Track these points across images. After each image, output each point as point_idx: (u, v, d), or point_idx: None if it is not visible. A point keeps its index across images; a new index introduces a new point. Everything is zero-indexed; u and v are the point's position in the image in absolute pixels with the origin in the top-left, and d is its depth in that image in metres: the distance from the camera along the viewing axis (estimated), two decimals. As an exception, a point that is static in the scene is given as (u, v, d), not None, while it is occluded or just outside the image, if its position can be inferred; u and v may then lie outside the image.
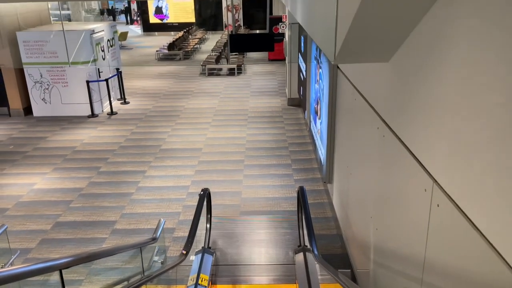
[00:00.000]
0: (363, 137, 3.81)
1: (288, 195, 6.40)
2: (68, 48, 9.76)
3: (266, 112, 10.37)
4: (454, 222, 2.00)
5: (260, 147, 8.20)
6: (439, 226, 2.18)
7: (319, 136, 6.28)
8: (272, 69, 15.31)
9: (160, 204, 6.21)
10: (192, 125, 9.51)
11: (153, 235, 3.54)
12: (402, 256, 2.81)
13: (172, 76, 14.53)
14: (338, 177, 5.23)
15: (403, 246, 2.78)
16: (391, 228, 3.05)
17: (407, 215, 2.65)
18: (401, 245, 2.80)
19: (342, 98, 4.87)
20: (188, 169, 7.31)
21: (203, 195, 4.80)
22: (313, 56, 6.95)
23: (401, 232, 2.79)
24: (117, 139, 8.76)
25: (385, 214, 3.18)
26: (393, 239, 2.99)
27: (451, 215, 2.03)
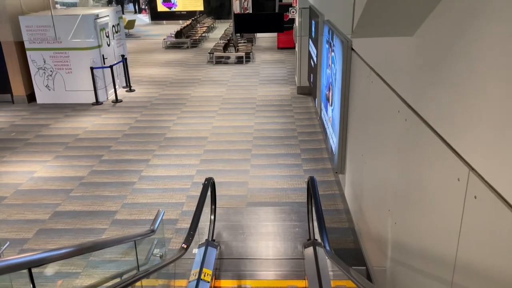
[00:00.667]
0: (381, 122, 3.48)
1: (297, 185, 6.09)
2: (72, 32, 9.49)
3: (275, 100, 10.03)
4: (497, 216, 1.67)
5: (268, 136, 7.88)
6: (476, 221, 1.85)
7: (331, 124, 5.95)
8: (281, 57, 14.92)
9: (163, 194, 5.95)
10: (198, 114, 9.22)
11: (151, 227, 3.26)
12: (427, 254, 2.49)
13: (179, 64, 14.22)
14: (351, 167, 4.91)
15: (428, 243, 2.46)
16: (413, 223, 2.73)
17: (434, 208, 2.33)
18: (426, 242, 2.49)
19: (357, 82, 4.52)
20: (193, 158, 7.03)
21: (206, 185, 4.52)
22: (324, 40, 6.58)
23: (426, 227, 2.47)
24: (121, 127, 8.50)
25: (406, 207, 2.86)
26: (416, 235, 2.67)
27: (492, 207, 1.71)
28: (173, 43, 17.92)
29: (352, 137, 4.86)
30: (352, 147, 4.87)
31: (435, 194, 2.32)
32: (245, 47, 14.89)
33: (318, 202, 4.15)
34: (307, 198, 4.98)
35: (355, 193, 4.71)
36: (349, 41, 4.82)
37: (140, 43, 18.63)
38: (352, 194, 4.91)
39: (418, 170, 2.59)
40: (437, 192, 2.28)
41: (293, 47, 16.19)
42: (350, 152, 5.01)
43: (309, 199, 4.91)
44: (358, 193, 4.50)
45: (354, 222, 4.83)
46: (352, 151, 4.88)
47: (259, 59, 14.66)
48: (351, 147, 4.91)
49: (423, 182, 2.50)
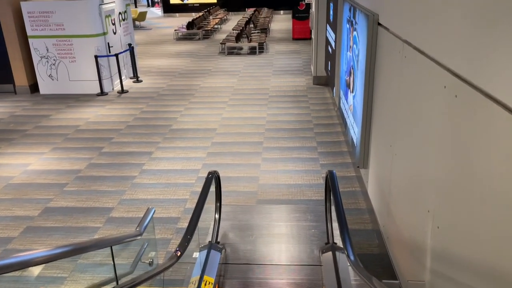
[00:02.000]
0: (418, 104, 2.84)
1: (313, 181, 5.47)
2: (75, 19, 9.01)
3: (289, 91, 9.40)
4: None
5: (281, 128, 7.27)
6: None
7: (352, 113, 5.31)
8: (297, 48, 14.26)
9: (165, 189, 5.40)
10: (207, 104, 8.65)
11: (137, 229, 2.69)
12: (482, 267, 1.87)
13: (189, 55, 13.69)
14: (376, 160, 4.27)
15: (484, 254, 1.83)
16: (463, 228, 2.10)
17: (496, 210, 1.70)
18: (481, 252, 1.86)
19: (384, 60, 3.88)
20: (199, 151, 6.46)
21: (209, 179, 3.93)
22: (345, 19, 5.93)
23: (483, 234, 1.85)
24: (125, 118, 7.99)
25: (454, 208, 2.23)
26: (467, 243, 2.05)
27: None
28: (184, 35, 17.41)
29: (377, 125, 4.22)
30: (377, 137, 4.23)
31: (497, 191, 1.69)
32: (258, 37, 14.27)
33: (339, 199, 3.54)
34: (325, 195, 4.36)
35: (381, 190, 4.08)
36: (375, 15, 4.18)
37: (151, 35, 18.17)
38: (377, 192, 4.28)
39: (473, 162, 1.96)
40: (501, 189, 1.65)
41: (308, 38, 15.51)
42: (374, 144, 4.37)
43: (327, 196, 4.30)
44: (385, 190, 3.87)
45: (379, 223, 4.19)
46: (377, 142, 4.24)
47: (273, 49, 14.02)
48: (376, 138, 4.27)
49: (481, 177, 1.87)
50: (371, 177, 4.58)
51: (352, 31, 5.24)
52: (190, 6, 24.51)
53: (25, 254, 1.79)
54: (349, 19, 5.53)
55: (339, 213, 3.39)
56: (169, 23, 21.86)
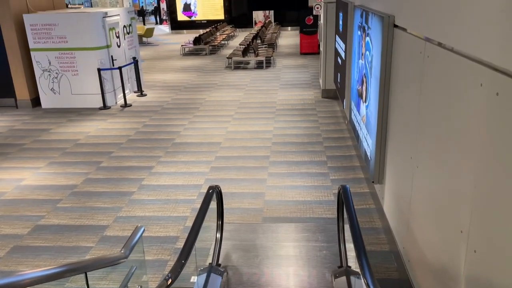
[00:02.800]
0: (446, 108, 2.47)
1: (323, 198, 5.08)
2: (78, 32, 8.83)
3: (297, 104, 9.07)
4: None
5: (289, 142, 6.91)
6: None
7: (364, 124, 4.94)
8: (304, 62, 14.01)
9: (164, 206, 5.03)
10: (212, 118, 8.35)
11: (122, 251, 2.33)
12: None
13: (196, 69, 13.49)
14: (393, 174, 3.88)
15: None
16: (508, 253, 1.72)
17: None
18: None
19: (402, 64, 3.53)
20: (202, 166, 6.11)
21: (210, 194, 3.57)
22: (356, 26, 5.63)
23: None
24: (126, 132, 7.69)
25: (496, 229, 1.84)
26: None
27: None
28: (191, 50, 17.29)
29: (394, 136, 3.85)
30: (394, 149, 3.86)
31: None
32: (265, 52, 14.05)
33: (354, 217, 3.15)
34: (337, 213, 3.97)
35: (399, 207, 3.68)
36: (390, 16, 3.86)
37: (158, 50, 18.09)
38: (394, 209, 3.87)
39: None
40: None
41: (316, 53, 15.28)
42: (391, 156, 3.99)
43: (340, 214, 3.91)
44: (405, 207, 3.47)
45: (398, 244, 3.78)
46: (394, 155, 3.86)
47: (280, 64, 13.78)
48: (393, 150, 3.90)
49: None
50: (387, 193, 4.18)
51: (364, 37, 4.92)
52: (198, 23, 24.54)
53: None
54: (360, 25, 5.22)
55: (355, 233, 3.00)
56: (176, 39, 21.84)
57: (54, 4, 10.31)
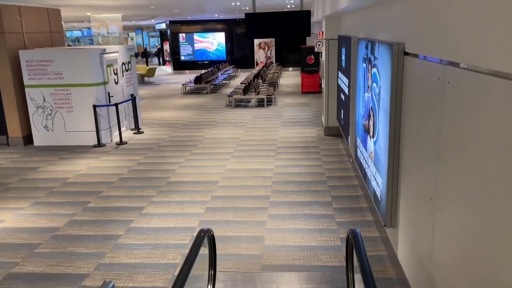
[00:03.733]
0: (475, 138, 2.08)
1: (329, 243, 4.59)
2: (75, 68, 8.64)
3: (299, 142, 8.71)
4: None
5: (290, 181, 6.48)
6: None
7: (373, 161, 4.54)
8: (306, 101, 13.80)
9: (152, 251, 4.54)
10: (209, 156, 7.96)
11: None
12: None
13: (195, 107, 13.27)
14: (410, 217, 3.43)
15: None
16: None
17: None
18: None
19: (416, 93, 3.18)
20: (197, 206, 5.66)
21: (200, 239, 3.12)
22: (360, 59, 5.35)
23: None
24: (119, 170, 7.29)
25: None
26: None
27: None
28: (192, 89, 17.21)
29: (408, 173, 3.43)
30: (409, 188, 3.43)
31: None
32: (266, 90, 13.89)
33: (367, 268, 2.67)
34: (345, 261, 3.48)
35: (418, 255, 3.20)
36: (400, 44, 3.55)
37: (159, 89, 18.02)
38: (412, 257, 3.39)
39: None
40: None
41: (318, 92, 15.13)
42: (405, 196, 3.56)
43: (349, 262, 3.42)
44: (425, 256, 2.99)
45: (417, 299, 3.26)
46: (409, 195, 3.43)
47: (281, 102, 13.57)
48: (408, 189, 3.46)
49: None
50: (402, 238, 3.70)
51: (371, 69, 4.61)
52: (200, 63, 24.75)
53: None
54: (366, 57, 4.94)
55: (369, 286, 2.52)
56: (178, 79, 21.89)
57: (53, 42, 10.22)
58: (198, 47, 24.72)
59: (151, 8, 13.42)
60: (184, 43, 24.71)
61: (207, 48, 24.69)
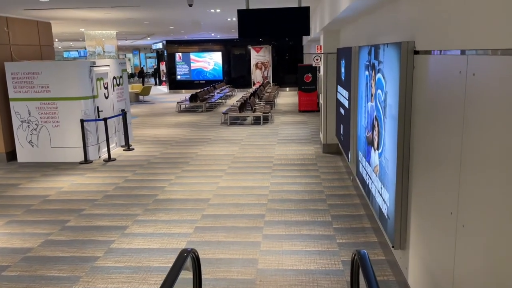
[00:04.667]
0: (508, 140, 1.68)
1: (329, 266, 4.12)
2: (63, 81, 8.28)
3: (296, 159, 8.30)
4: None
5: (287, 199, 6.04)
6: None
7: (378, 176, 4.13)
8: (303, 119, 13.47)
9: (133, 275, 4.06)
10: (202, 173, 7.53)
11: None
12: None
13: (190, 125, 12.89)
14: (424, 236, 2.99)
15: None
16: None
17: None
18: None
19: (430, 93, 2.80)
20: (185, 226, 5.19)
21: (180, 261, 2.67)
22: (362, 67, 5.01)
23: None
24: (104, 187, 6.83)
25: None
26: None
27: None
28: (187, 108, 16.89)
29: (420, 186, 3.02)
30: (422, 202, 3.01)
31: None
32: (263, 108, 13.57)
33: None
34: (350, 287, 3.02)
35: (434, 279, 2.75)
36: (409, 42, 3.19)
37: (153, 108, 17.69)
38: (426, 282, 2.94)
39: None
40: None
41: (315, 110, 14.83)
42: (417, 212, 3.13)
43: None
44: (443, 279, 2.55)
45: (434, 333, 2.80)
46: (422, 210, 3.01)
47: (278, 120, 13.22)
48: (420, 203, 3.05)
49: None
50: (414, 261, 3.26)
51: (375, 75, 4.26)
52: (196, 83, 24.54)
53: None
54: (368, 64, 4.59)
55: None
56: (173, 98, 21.59)
57: (42, 56, 9.91)
58: (195, 67, 24.58)
59: (145, 23, 13.20)
60: (181, 63, 24.58)
61: (204, 68, 24.55)
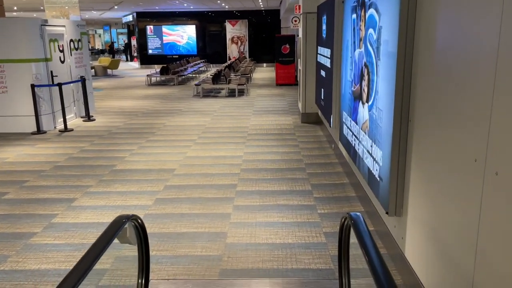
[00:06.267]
0: None
1: (310, 239, 3.52)
2: (10, 40, 7.32)
3: (273, 129, 7.65)
4: None
5: (263, 168, 5.40)
6: None
7: (368, 133, 3.51)
8: (281, 92, 12.79)
9: (74, 253, 3.36)
10: (168, 143, 6.79)
11: None
12: None
13: (159, 97, 12.03)
14: (429, 194, 2.39)
15: None
16: None
17: None
18: None
19: (442, 25, 2.16)
20: (144, 197, 4.49)
21: (113, 229, 1.98)
22: (348, 12, 4.34)
23: None
24: (55, 158, 6.03)
25: None
26: None
27: None
28: (158, 81, 15.94)
29: (426, 135, 2.40)
30: (427, 155, 2.40)
31: None
32: (238, 80, 12.80)
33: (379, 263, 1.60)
34: (339, 259, 2.41)
35: (445, 251, 2.16)
36: (411, -45, 2.53)
37: (122, 81, 16.64)
38: (432, 254, 2.35)
39: None
40: None
41: (293, 84, 14.17)
42: (419, 169, 2.53)
43: (343, 261, 2.36)
44: (460, 250, 1.96)
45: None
46: (427, 165, 2.40)
47: (254, 93, 12.51)
48: (424, 157, 2.44)
49: None
50: (412, 229, 2.66)
51: (365, 14, 3.59)
52: (169, 57, 23.41)
53: None
54: (357, 4, 3.92)
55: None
56: (144, 72, 20.51)
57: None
58: (167, 40, 23.43)
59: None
60: (152, 36, 23.38)
61: (177, 42, 23.44)
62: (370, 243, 1.80)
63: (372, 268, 1.62)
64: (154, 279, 2.95)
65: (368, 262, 1.67)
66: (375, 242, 1.84)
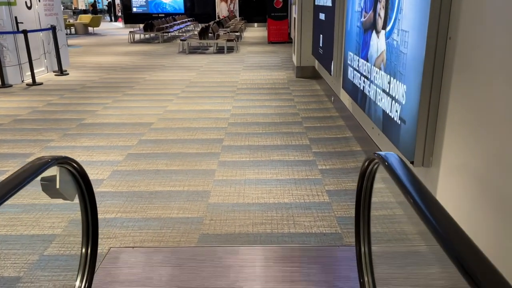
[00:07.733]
0: None
1: (311, 198, 2.91)
2: (-37, -20, 6.39)
3: (265, 84, 6.94)
4: None
5: (253, 122, 4.74)
6: None
7: (384, 68, 2.83)
8: (273, 49, 11.96)
9: (21, 216, 2.71)
10: (147, 97, 6.07)
11: None
12: None
13: (142, 54, 11.14)
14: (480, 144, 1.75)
15: None
16: None
17: None
18: None
19: None
20: (114, 152, 3.82)
21: (37, 168, 1.31)
22: None
23: None
24: (16, 111, 5.29)
25: None
26: None
27: None
28: (142, 39, 14.94)
29: (474, 56, 1.74)
30: (476, 84, 1.74)
31: None
32: (227, 35, 11.92)
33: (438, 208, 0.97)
34: (355, 219, 1.79)
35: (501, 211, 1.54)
36: None
37: (103, 39, 15.59)
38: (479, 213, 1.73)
39: None
40: None
41: (287, 41, 13.31)
42: (461, 104, 1.88)
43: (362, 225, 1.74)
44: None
45: None
46: (477, 96, 1.75)
47: (244, 50, 11.66)
48: (470, 86, 1.78)
49: None
50: (446, 183, 2.04)
51: None
52: (155, 16, 22.15)
53: None
54: None
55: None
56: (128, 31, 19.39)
57: None
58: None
59: None
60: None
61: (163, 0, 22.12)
62: (417, 183, 1.16)
63: (428, 212, 0.99)
64: (115, 247, 2.32)
65: (416, 209, 1.04)
66: (419, 185, 1.20)
